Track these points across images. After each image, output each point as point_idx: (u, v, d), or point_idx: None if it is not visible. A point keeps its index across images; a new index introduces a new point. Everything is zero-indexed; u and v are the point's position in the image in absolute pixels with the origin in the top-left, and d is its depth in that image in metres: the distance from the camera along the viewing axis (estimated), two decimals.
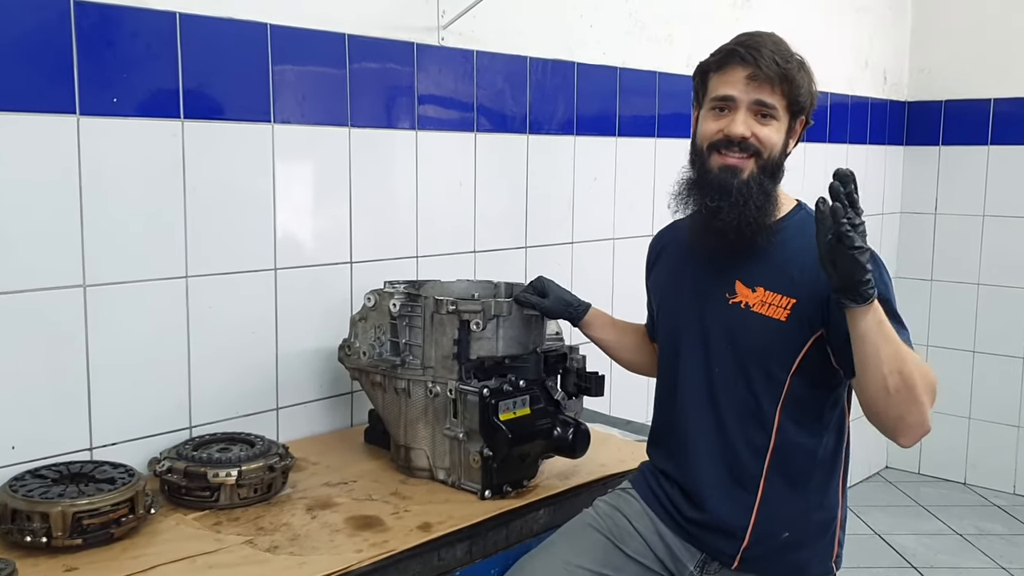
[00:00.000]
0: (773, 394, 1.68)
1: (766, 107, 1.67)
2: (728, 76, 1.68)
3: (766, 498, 1.69)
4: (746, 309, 1.69)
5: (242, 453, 1.86)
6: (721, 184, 1.67)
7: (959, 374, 4.57)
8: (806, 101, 1.70)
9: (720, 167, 1.68)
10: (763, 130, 1.67)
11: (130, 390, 1.92)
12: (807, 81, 1.70)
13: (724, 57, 1.70)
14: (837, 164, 4.50)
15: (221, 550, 1.61)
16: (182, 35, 1.92)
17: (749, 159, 1.67)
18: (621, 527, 1.79)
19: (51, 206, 1.79)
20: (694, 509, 1.73)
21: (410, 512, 1.79)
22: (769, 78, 1.65)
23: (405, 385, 1.95)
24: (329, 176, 2.24)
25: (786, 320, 1.65)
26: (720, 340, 1.72)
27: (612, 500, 1.86)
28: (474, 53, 2.51)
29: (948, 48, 4.52)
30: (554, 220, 2.83)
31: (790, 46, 1.70)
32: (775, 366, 1.68)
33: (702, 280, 1.77)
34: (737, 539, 1.69)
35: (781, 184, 1.75)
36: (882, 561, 3.73)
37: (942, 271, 4.63)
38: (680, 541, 1.76)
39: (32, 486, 1.64)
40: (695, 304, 1.77)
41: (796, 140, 1.75)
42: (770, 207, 1.69)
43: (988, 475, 4.57)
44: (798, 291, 1.65)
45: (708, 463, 1.72)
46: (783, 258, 1.69)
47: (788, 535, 1.70)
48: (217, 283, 2.03)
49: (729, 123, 1.67)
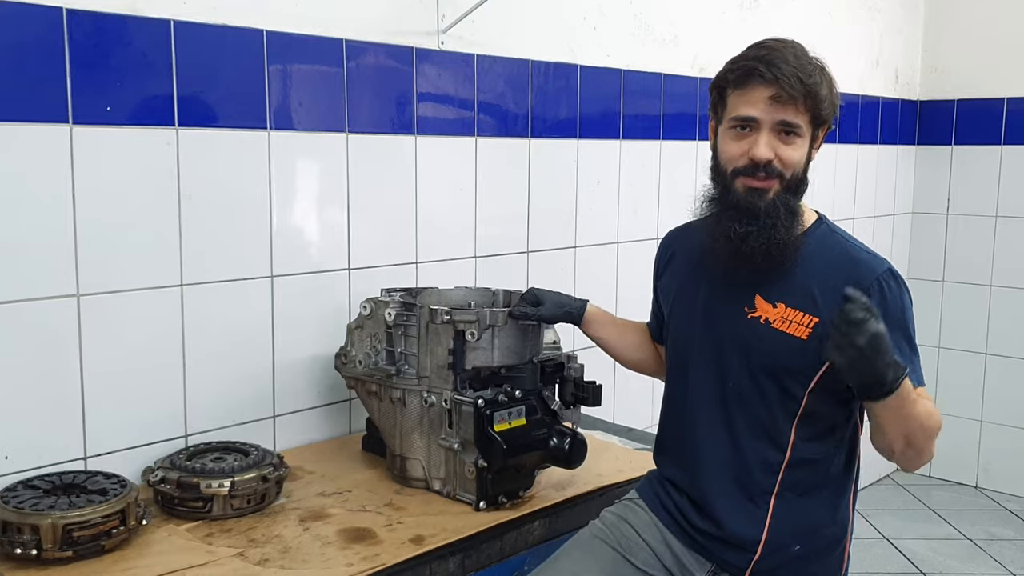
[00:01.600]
0: (789, 411, 1.65)
1: (791, 127, 1.61)
2: (749, 96, 1.61)
3: (778, 512, 1.66)
4: (766, 324, 1.65)
5: (236, 463, 1.85)
6: (749, 207, 1.62)
7: (971, 376, 4.51)
8: (828, 112, 1.64)
9: (746, 190, 1.63)
10: (787, 150, 1.62)
11: (125, 399, 1.92)
12: (828, 89, 1.63)
13: (743, 75, 1.62)
14: (848, 164, 4.46)
15: (211, 563, 1.60)
16: (176, 43, 1.91)
17: (773, 180, 1.63)
18: (629, 538, 1.77)
19: (45, 215, 1.78)
20: (704, 520, 1.71)
21: (403, 524, 1.78)
22: (793, 97, 1.58)
23: (400, 395, 1.94)
24: (326, 183, 2.23)
25: (807, 339, 1.62)
26: (735, 354, 1.69)
27: (619, 511, 1.83)
28: (474, 57, 2.49)
29: (961, 46, 4.47)
30: (557, 224, 2.81)
31: (808, 52, 1.63)
32: (792, 383, 1.65)
33: (718, 290, 1.73)
34: (749, 552, 1.67)
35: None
36: (890, 567, 3.70)
37: (954, 272, 4.57)
38: (689, 552, 1.73)
39: (23, 497, 1.64)
40: (708, 315, 1.74)
41: (819, 147, 1.70)
42: (795, 223, 1.65)
43: (1000, 479, 4.52)
44: (820, 311, 1.62)
45: (719, 475, 1.70)
46: (804, 275, 1.65)
47: (799, 548, 1.68)
48: (213, 291, 2.03)
49: (752, 146, 1.61)
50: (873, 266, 1.64)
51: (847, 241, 1.71)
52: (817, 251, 1.67)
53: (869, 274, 1.62)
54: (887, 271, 1.64)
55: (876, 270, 1.63)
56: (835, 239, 1.70)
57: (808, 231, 1.70)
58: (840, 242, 1.70)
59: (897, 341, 1.57)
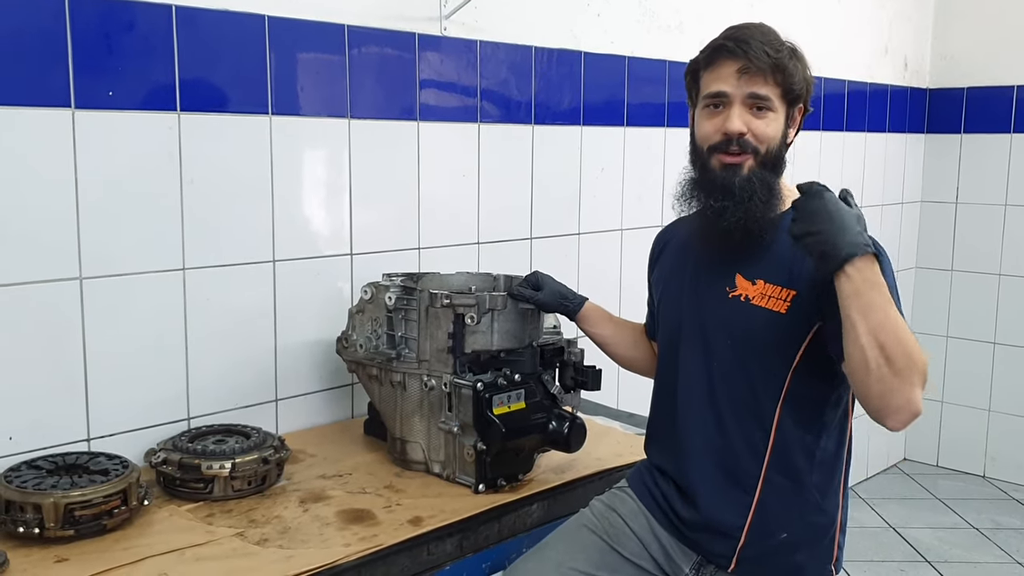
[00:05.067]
0: (773, 391, 1.66)
1: (761, 99, 1.64)
2: (719, 72, 1.65)
3: (764, 498, 1.66)
4: (746, 302, 1.66)
5: (237, 445, 1.86)
6: (724, 184, 1.64)
7: (979, 365, 4.50)
8: (801, 89, 1.67)
9: (721, 166, 1.66)
10: (759, 123, 1.65)
11: (128, 382, 1.94)
12: (801, 68, 1.66)
13: (713, 53, 1.67)
14: (855, 153, 4.44)
15: (211, 542, 1.62)
16: (178, 28, 1.92)
17: (747, 155, 1.65)
18: (617, 527, 1.77)
19: (47, 199, 1.80)
20: (689, 508, 1.71)
21: (402, 506, 1.79)
22: (761, 70, 1.61)
23: (401, 378, 1.95)
24: (328, 168, 2.24)
25: (786, 312, 1.63)
26: (719, 334, 1.70)
27: (608, 500, 1.84)
28: (477, 43, 2.49)
29: (971, 34, 4.44)
30: (560, 211, 2.82)
31: (780, 35, 1.67)
32: (775, 361, 1.65)
33: (702, 274, 1.75)
34: (733, 539, 1.67)
35: (785, 176, 1.72)
36: (895, 555, 3.69)
37: (963, 261, 4.55)
38: (675, 542, 1.73)
39: (26, 477, 1.66)
40: (695, 298, 1.75)
41: (797, 129, 1.72)
42: (774, 201, 1.66)
43: (1008, 468, 4.50)
44: (797, 283, 1.63)
45: (705, 460, 1.70)
46: (782, 250, 1.66)
47: (786, 536, 1.67)
48: (215, 275, 2.04)
49: (724, 120, 1.65)
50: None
51: None
52: None
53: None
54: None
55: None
56: None
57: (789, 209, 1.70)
58: None
59: None
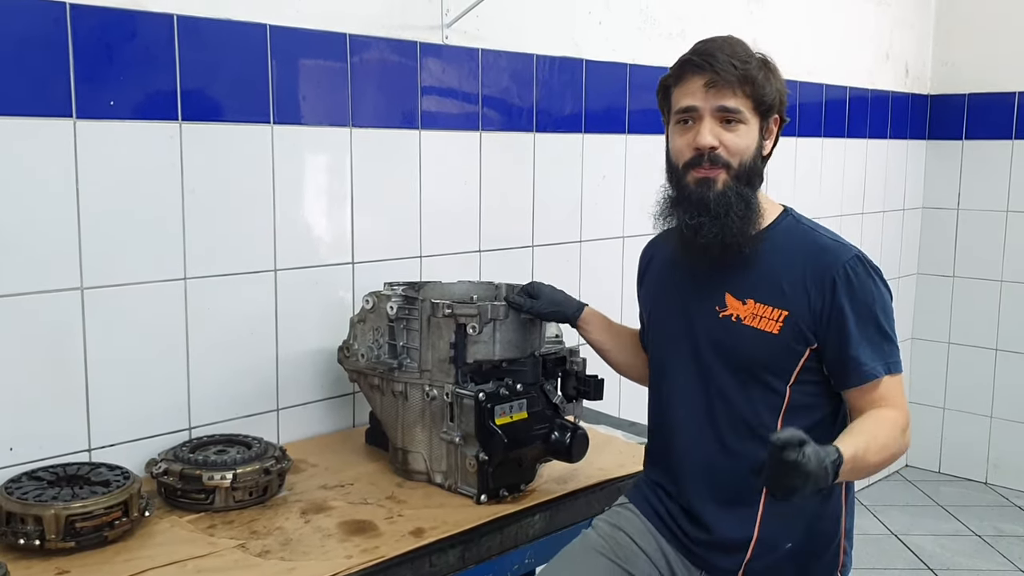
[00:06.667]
0: (773, 405, 1.65)
1: (730, 112, 1.62)
2: (687, 87, 1.64)
3: (768, 510, 1.66)
4: (737, 322, 1.66)
5: (238, 456, 1.86)
6: (699, 199, 1.63)
7: (981, 372, 4.49)
8: (773, 99, 1.65)
9: (695, 181, 1.65)
10: (730, 136, 1.63)
11: (129, 392, 1.93)
12: (772, 79, 1.65)
13: (680, 68, 1.66)
14: (857, 159, 4.42)
15: (212, 554, 1.61)
16: (180, 37, 1.92)
17: (719, 169, 1.63)
18: (625, 547, 1.76)
19: (49, 209, 1.79)
20: (696, 528, 1.71)
21: (404, 517, 1.79)
22: (728, 82, 1.60)
23: (402, 388, 1.95)
24: (330, 177, 2.24)
25: (778, 333, 1.62)
26: (713, 354, 1.69)
27: (611, 518, 1.82)
28: (479, 51, 2.49)
29: (972, 40, 4.43)
30: (562, 219, 2.81)
31: (749, 47, 1.66)
32: (773, 378, 1.65)
33: (690, 292, 1.74)
34: (740, 552, 1.66)
35: (765, 190, 1.71)
36: (897, 562, 3.69)
37: (964, 267, 4.55)
38: (682, 559, 1.73)
39: (27, 488, 1.66)
40: (683, 317, 1.74)
41: (774, 140, 1.70)
42: (752, 215, 1.65)
43: (1010, 475, 4.49)
44: (789, 303, 1.62)
45: (706, 480, 1.70)
46: (772, 268, 1.66)
47: (791, 545, 1.67)
48: (216, 284, 2.04)
49: (695, 135, 1.63)
50: (839, 253, 1.64)
51: (814, 231, 1.69)
52: (783, 243, 1.67)
53: (835, 261, 1.62)
54: (854, 257, 1.63)
55: (842, 257, 1.62)
56: (802, 230, 1.70)
57: (773, 224, 1.70)
58: (807, 232, 1.69)
59: (865, 330, 1.58)
